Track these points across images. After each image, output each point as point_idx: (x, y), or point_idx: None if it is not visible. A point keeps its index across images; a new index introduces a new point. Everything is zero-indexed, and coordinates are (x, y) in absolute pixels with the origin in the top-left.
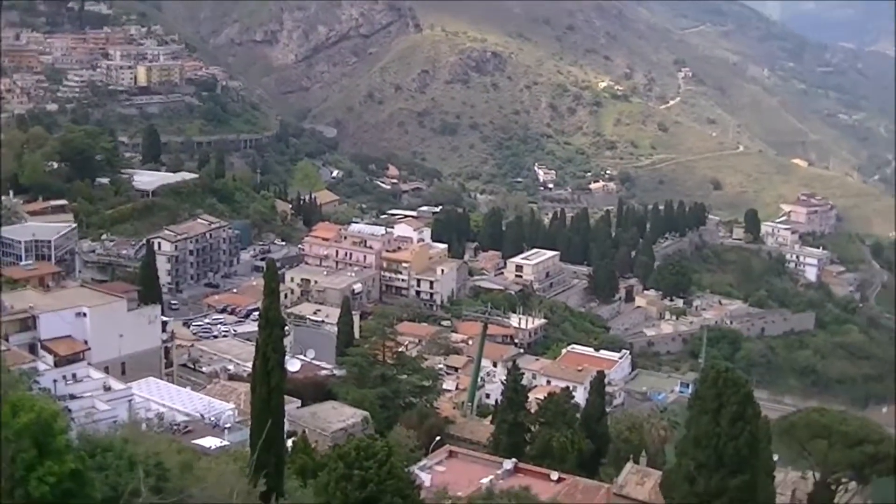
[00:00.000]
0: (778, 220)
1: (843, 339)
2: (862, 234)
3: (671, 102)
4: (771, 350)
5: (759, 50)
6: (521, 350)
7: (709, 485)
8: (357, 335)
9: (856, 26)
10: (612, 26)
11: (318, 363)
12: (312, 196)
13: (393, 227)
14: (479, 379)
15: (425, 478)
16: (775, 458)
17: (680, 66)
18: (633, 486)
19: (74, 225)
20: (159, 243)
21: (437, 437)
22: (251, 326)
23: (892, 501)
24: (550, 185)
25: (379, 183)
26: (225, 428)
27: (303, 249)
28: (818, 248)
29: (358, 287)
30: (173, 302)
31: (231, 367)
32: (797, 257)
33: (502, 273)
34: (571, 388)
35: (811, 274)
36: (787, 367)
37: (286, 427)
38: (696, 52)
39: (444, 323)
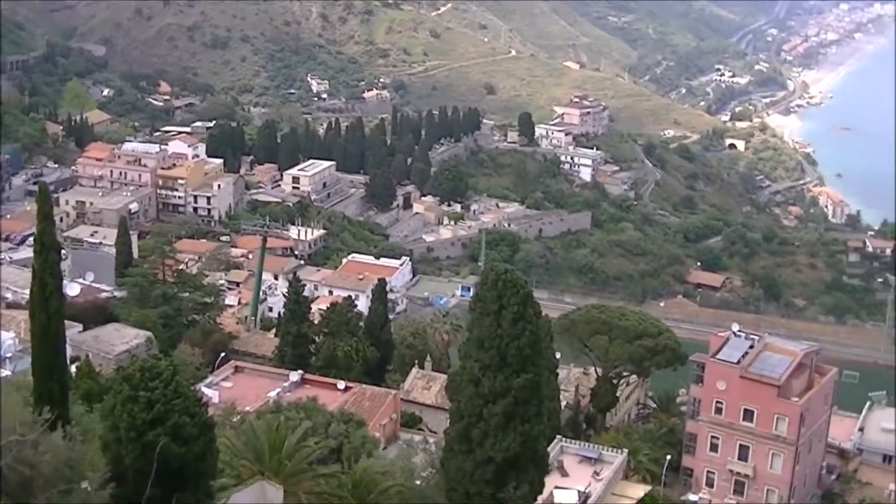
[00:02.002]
0: (551, 123)
1: (619, 236)
2: (634, 133)
3: (442, 9)
4: (549, 250)
5: None
6: (302, 261)
7: (493, 385)
8: (136, 255)
9: None
10: None
11: (97, 286)
12: (84, 116)
13: (167, 145)
14: (260, 292)
15: (212, 394)
16: (558, 355)
17: None
18: (420, 391)
19: None
20: None
21: (222, 353)
22: (27, 252)
23: (672, 392)
24: (324, 96)
25: (151, 100)
26: (6, 358)
27: (76, 171)
28: (592, 148)
29: (134, 206)
30: None
31: (9, 295)
32: (572, 158)
33: (279, 185)
34: (354, 297)
35: (586, 174)
36: (565, 267)
37: (68, 352)
38: None
39: (223, 238)
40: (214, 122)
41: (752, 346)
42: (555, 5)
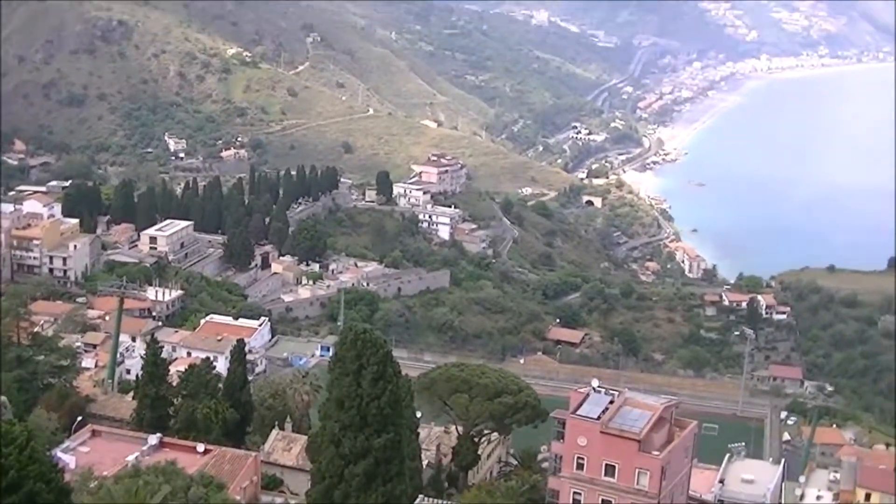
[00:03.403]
0: (409, 181)
1: (478, 294)
2: (492, 191)
3: (300, 68)
4: (408, 309)
5: (387, 14)
6: (160, 323)
7: (354, 445)
8: None
9: None
10: None
11: None
12: None
13: (21, 204)
14: (118, 355)
15: (69, 460)
16: (418, 414)
17: (308, 31)
18: (281, 453)
19: None
20: None
21: (79, 417)
22: None
23: (534, 448)
24: (182, 155)
25: (5, 159)
26: None
27: None
28: (450, 206)
29: None
30: None
31: None
32: (430, 217)
33: (136, 245)
34: (212, 359)
35: (444, 232)
36: (425, 325)
37: None
38: (324, 17)
39: (80, 299)
40: (70, 181)
41: (611, 402)
42: (412, 64)
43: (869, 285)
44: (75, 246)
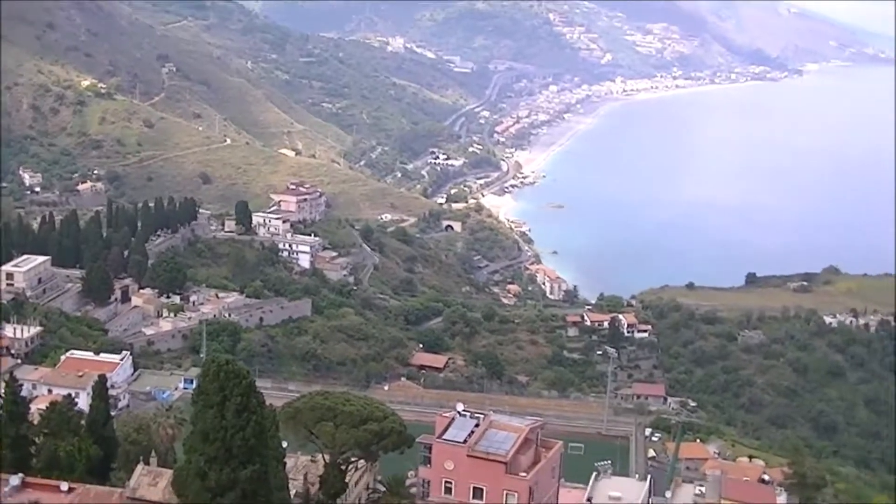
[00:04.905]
0: (268, 211)
1: (341, 322)
2: (352, 218)
3: (156, 99)
4: (271, 339)
5: (243, 43)
6: (19, 360)
7: (220, 478)
8: None
9: (337, 16)
10: (93, 23)
11: None
12: None
13: None
14: None
15: None
16: (284, 444)
17: (164, 62)
18: (146, 488)
19: None
20: None
21: None
22: None
23: (401, 475)
24: (37, 189)
25: None
26: None
27: None
28: (310, 235)
29: None
30: None
31: None
32: (290, 246)
33: None
34: (74, 395)
35: (305, 261)
36: (288, 355)
37: None
38: (179, 47)
39: None
40: None
41: (477, 425)
42: (269, 93)
43: (728, 301)
44: None
